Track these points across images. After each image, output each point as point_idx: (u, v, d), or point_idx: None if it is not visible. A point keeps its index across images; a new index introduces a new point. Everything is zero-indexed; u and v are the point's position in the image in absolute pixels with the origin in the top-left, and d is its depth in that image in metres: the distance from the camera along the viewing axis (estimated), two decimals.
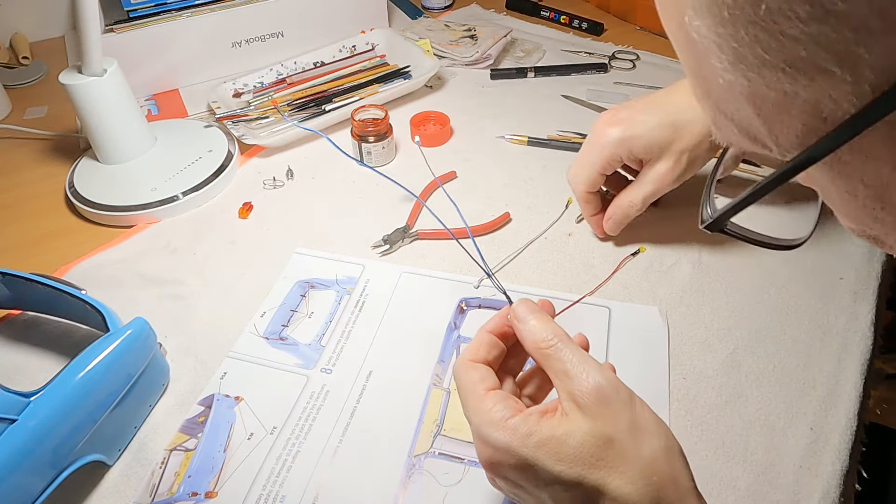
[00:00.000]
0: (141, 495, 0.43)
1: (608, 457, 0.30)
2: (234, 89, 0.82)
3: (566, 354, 0.33)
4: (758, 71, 0.18)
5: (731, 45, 0.18)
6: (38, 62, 0.96)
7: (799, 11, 0.16)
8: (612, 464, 0.30)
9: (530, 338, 0.34)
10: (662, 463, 0.30)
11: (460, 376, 0.35)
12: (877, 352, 0.50)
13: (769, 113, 0.19)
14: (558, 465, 0.30)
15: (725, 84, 0.19)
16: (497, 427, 0.32)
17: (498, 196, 0.67)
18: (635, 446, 0.30)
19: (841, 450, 0.44)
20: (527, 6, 1.04)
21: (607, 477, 0.30)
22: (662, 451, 0.31)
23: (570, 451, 0.30)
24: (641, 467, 0.30)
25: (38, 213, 0.69)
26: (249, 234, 0.64)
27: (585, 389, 0.31)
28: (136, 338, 0.46)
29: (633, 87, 0.84)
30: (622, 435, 0.30)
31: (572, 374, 0.32)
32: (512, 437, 0.31)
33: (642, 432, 0.31)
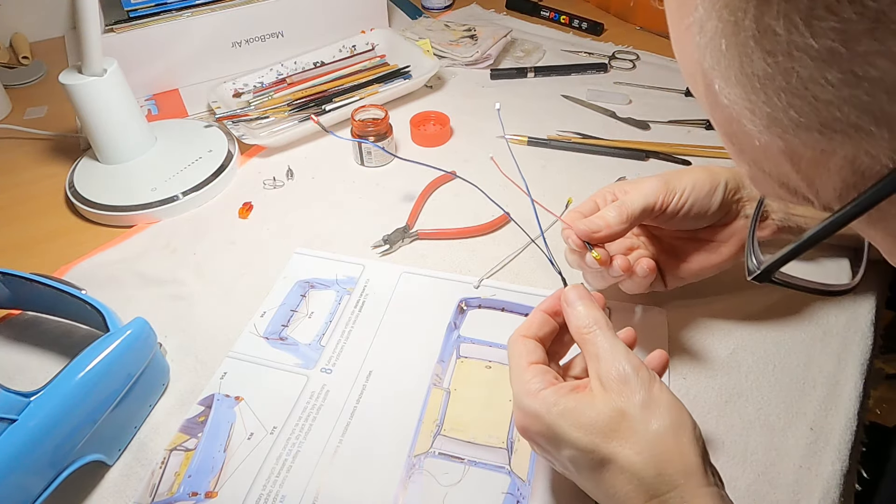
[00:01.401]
0: (141, 495, 0.43)
1: (620, 429, 0.33)
2: (234, 89, 0.82)
3: (601, 340, 0.36)
4: (793, 132, 0.18)
5: (764, 111, 0.18)
6: (38, 62, 0.96)
7: (830, 78, 0.16)
8: (623, 436, 0.33)
9: (574, 322, 0.38)
10: (669, 438, 0.33)
11: (510, 348, 0.39)
12: (877, 352, 0.51)
13: (807, 169, 0.20)
14: (576, 433, 0.33)
15: (761, 145, 0.20)
16: (530, 395, 0.35)
17: (498, 196, 0.67)
18: (645, 421, 0.33)
19: (841, 450, 0.44)
20: (527, 6, 1.04)
21: (618, 447, 0.33)
22: (671, 428, 0.33)
23: (586, 420, 0.33)
24: (649, 440, 0.33)
25: (38, 213, 0.69)
26: (249, 234, 0.64)
27: (610, 371, 0.35)
28: (136, 338, 0.46)
29: (633, 87, 0.84)
30: (635, 410, 0.33)
31: (602, 357, 0.35)
32: (540, 405, 0.35)
33: (654, 410, 0.33)
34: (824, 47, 0.15)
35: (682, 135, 0.75)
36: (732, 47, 0.18)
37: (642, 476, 0.32)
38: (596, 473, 0.34)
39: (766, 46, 0.17)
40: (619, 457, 0.33)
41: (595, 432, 0.33)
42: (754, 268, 0.27)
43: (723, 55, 0.18)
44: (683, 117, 0.77)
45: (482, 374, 0.50)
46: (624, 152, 0.72)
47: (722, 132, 0.22)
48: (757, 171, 0.22)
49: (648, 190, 0.46)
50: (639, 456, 0.32)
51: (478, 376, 0.50)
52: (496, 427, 0.46)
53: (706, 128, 0.76)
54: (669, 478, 0.32)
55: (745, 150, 0.22)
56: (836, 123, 0.17)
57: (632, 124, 0.77)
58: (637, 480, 0.32)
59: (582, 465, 0.34)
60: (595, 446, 0.33)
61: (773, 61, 0.17)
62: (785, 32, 0.16)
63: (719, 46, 0.18)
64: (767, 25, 0.16)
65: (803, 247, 0.22)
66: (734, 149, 0.22)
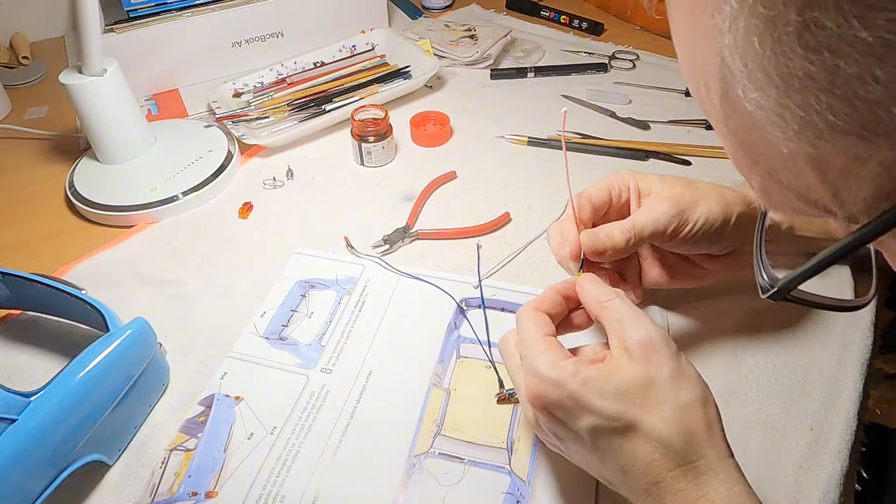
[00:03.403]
0: (141, 495, 0.43)
1: (649, 396, 0.33)
2: (234, 89, 0.82)
3: (622, 307, 0.36)
4: (828, 137, 0.17)
5: (797, 115, 0.17)
6: (38, 62, 0.96)
7: (880, 75, 0.15)
8: (651, 404, 0.33)
9: (592, 294, 0.38)
10: (698, 410, 0.33)
11: (522, 320, 0.38)
12: (877, 352, 0.50)
13: (836, 178, 0.18)
14: (599, 400, 0.33)
15: (788, 153, 0.19)
16: (549, 364, 0.34)
17: (498, 196, 0.67)
18: (675, 391, 0.33)
19: (841, 450, 0.44)
20: (527, 6, 1.04)
21: (644, 415, 0.33)
22: (699, 400, 0.33)
23: (612, 388, 0.33)
24: (677, 410, 0.32)
25: (38, 213, 0.69)
26: (249, 234, 0.64)
27: (636, 336, 0.34)
28: (136, 338, 0.46)
29: (633, 86, 0.84)
30: (664, 379, 0.33)
31: (626, 322, 0.35)
32: (561, 373, 0.34)
33: (683, 380, 0.33)
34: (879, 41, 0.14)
35: (682, 135, 0.75)
36: (768, 46, 0.16)
37: (671, 443, 0.32)
38: (615, 442, 0.33)
39: (810, 43, 0.15)
40: (647, 424, 0.32)
41: (622, 399, 0.33)
42: (767, 286, 0.26)
43: (755, 55, 0.17)
44: (683, 117, 0.77)
45: (482, 374, 0.50)
46: (624, 152, 0.72)
47: (736, 141, 0.21)
48: (771, 182, 0.21)
49: (661, 215, 0.43)
50: (669, 424, 0.32)
51: (478, 376, 0.50)
52: (496, 427, 0.46)
53: (706, 128, 0.76)
54: (697, 447, 0.32)
55: (760, 161, 0.20)
56: (880, 125, 0.16)
57: (632, 124, 0.77)
58: (665, 448, 0.32)
59: (602, 434, 0.33)
60: (621, 413, 0.33)
61: (816, 58, 0.16)
62: (835, 26, 0.15)
63: (752, 46, 0.17)
64: (814, 19, 0.15)
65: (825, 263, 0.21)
66: (747, 159, 0.21)
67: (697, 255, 0.47)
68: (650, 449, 0.32)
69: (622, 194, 0.46)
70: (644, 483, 0.33)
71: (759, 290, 0.26)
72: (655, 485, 0.32)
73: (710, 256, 0.47)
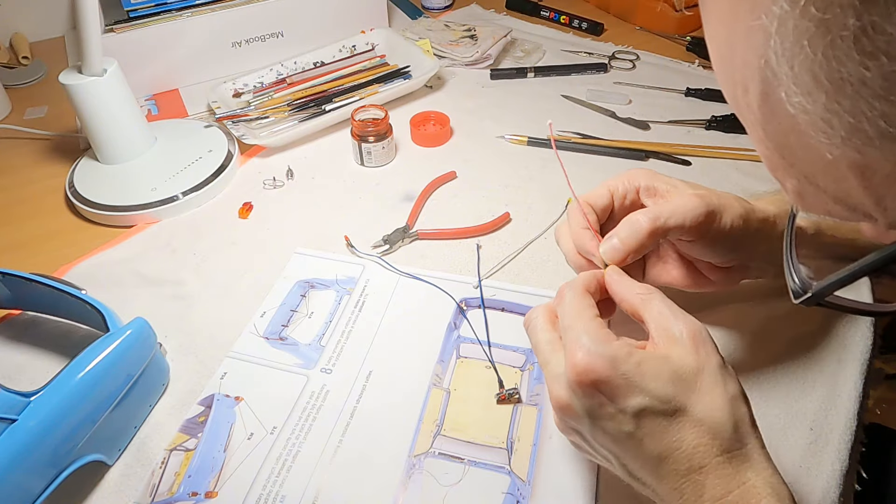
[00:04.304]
0: (141, 495, 0.43)
1: (699, 383, 0.33)
2: (234, 89, 0.82)
3: (663, 301, 0.36)
4: (878, 144, 0.16)
5: (846, 121, 0.17)
6: (38, 62, 0.96)
7: None
8: (703, 391, 0.33)
9: (629, 289, 0.38)
10: (742, 402, 0.34)
11: (571, 297, 0.37)
12: (877, 352, 0.50)
13: (880, 184, 0.18)
14: (653, 382, 0.33)
15: (830, 158, 0.18)
16: (603, 341, 0.34)
17: (498, 196, 0.67)
18: (723, 382, 0.34)
19: (841, 450, 0.44)
20: (527, 6, 1.04)
21: (697, 400, 0.33)
22: (742, 394, 0.34)
23: (666, 372, 0.33)
24: (727, 399, 0.33)
25: (38, 213, 0.69)
26: (249, 234, 0.64)
27: (685, 328, 0.35)
28: (136, 338, 0.46)
29: (633, 87, 0.84)
30: (713, 370, 0.34)
31: (672, 315, 0.35)
32: (617, 351, 0.33)
33: (728, 374, 0.34)
34: None
35: (681, 135, 0.75)
36: (819, 49, 0.16)
37: (720, 430, 0.33)
38: (661, 425, 0.33)
39: (867, 47, 0.15)
40: (697, 409, 0.33)
41: (674, 382, 0.33)
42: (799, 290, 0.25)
43: (804, 58, 0.16)
44: (683, 117, 0.77)
45: (482, 374, 0.50)
46: (624, 152, 0.72)
47: (773, 145, 0.20)
48: (808, 185, 0.20)
49: (690, 209, 0.40)
50: (720, 411, 0.33)
51: (478, 376, 0.50)
52: (496, 427, 0.46)
53: (706, 128, 0.76)
54: (743, 435, 0.33)
55: (798, 164, 0.20)
56: None
57: (632, 124, 0.77)
58: (713, 433, 0.33)
59: (649, 415, 0.33)
60: (672, 396, 0.33)
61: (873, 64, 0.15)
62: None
63: (801, 49, 0.16)
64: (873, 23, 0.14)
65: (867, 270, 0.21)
66: (783, 163, 0.20)
67: (702, 262, 0.46)
68: (698, 433, 0.33)
69: (626, 196, 0.44)
70: (685, 468, 0.33)
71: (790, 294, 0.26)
72: (699, 469, 0.33)
73: (713, 266, 0.46)
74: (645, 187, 0.44)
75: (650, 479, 0.34)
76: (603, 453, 0.36)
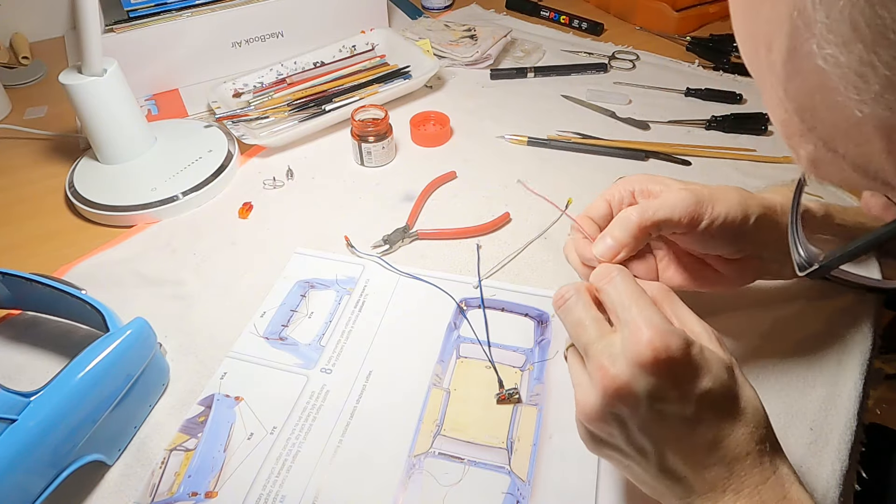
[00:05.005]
0: (141, 495, 0.43)
1: (737, 376, 0.34)
2: (234, 89, 0.82)
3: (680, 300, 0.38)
4: None
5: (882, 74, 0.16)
6: (38, 62, 0.96)
7: None
8: (741, 382, 0.34)
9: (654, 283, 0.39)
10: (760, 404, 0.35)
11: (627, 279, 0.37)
12: (877, 352, 0.50)
13: None
14: (714, 367, 0.33)
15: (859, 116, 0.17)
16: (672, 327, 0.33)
17: (498, 196, 0.67)
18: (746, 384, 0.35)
19: (841, 450, 0.44)
20: (527, 6, 1.04)
21: (740, 390, 0.34)
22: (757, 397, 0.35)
23: (717, 358, 0.34)
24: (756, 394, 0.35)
25: (38, 213, 0.69)
26: (249, 234, 0.64)
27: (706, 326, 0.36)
28: (136, 338, 0.46)
29: (633, 87, 0.84)
30: (737, 367, 0.35)
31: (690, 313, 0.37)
32: (687, 334, 0.33)
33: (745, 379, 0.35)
34: None
35: (681, 135, 0.75)
36: None
37: (760, 420, 0.34)
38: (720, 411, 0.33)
39: None
40: (743, 399, 0.34)
41: (726, 370, 0.34)
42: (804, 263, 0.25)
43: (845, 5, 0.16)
44: (683, 117, 0.77)
45: (482, 374, 0.50)
46: (624, 152, 0.72)
47: (793, 106, 0.19)
48: (826, 152, 0.19)
49: (677, 203, 0.41)
50: (756, 402, 0.34)
51: (478, 376, 0.50)
52: (496, 427, 0.46)
53: (706, 128, 0.76)
54: (770, 428, 0.35)
55: (818, 127, 0.19)
56: None
57: (632, 124, 0.77)
58: (755, 423, 0.33)
59: (713, 399, 0.33)
60: (730, 383, 0.34)
61: None
62: None
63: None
64: None
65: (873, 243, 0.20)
66: (802, 126, 0.20)
67: (712, 256, 0.46)
68: (744, 422, 0.33)
69: (623, 201, 0.45)
70: (732, 455, 0.33)
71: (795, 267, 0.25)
72: (745, 457, 0.33)
73: (724, 260, 0.46)
74: (639, 191, 0.44)
75: (692, 469, 0.34)
76: (641, 444, 0.34)
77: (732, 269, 0.46)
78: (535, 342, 0.52)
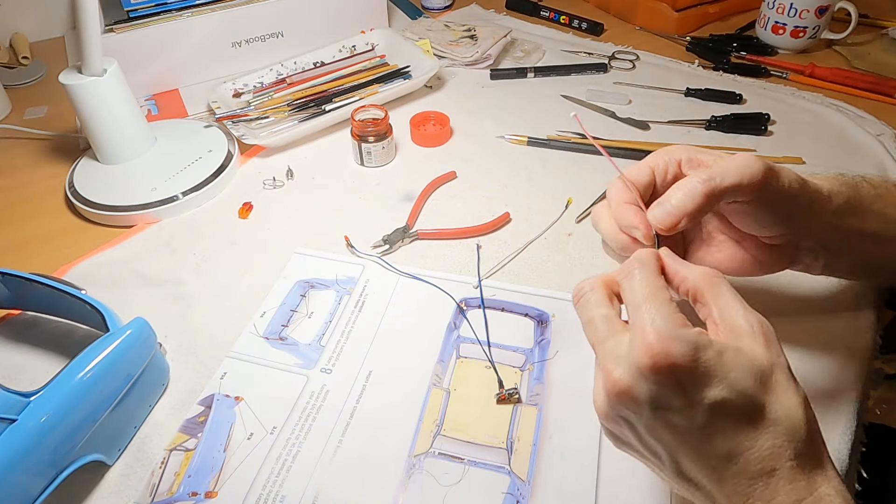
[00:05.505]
0: (141, 495, 0.43)
1: (774, 382, 0.31)
2: (234, 89, 0.82)
3: (732, 288, 0.34)
4: None
5: None
6: (38, 62, 0.96)
7: None
8: (777, 389, 0.31)
9: (697, 268, 0.35)
10: (810, 408, 0.32)
11: (647, 275, 0.34)
12: (877, 352, 0.50)
13: None
14: (734, 372, 0.31)
15: None
16: (685, 327, 0.31)
17: (498, 196, 0.67)
18: (794, 384, 0.32)
19: (841, 450, 0.44)
20: (527, 6, 1.04)
21: (772, 399, 0.31)
22: (806, 400, 0.32)
23: (746, 363, 0.31)
24: (801, 401, 0.31)
25: (38, 213, 0.69)
26: (249, 234, 0.64)
27: (754, 318, 0.32)
28: (135, 338, 0.46)
29: (633, 87, 0.84)
30: (784, 369, 0.32)
31: (740, 303, 0.33)
32: (699, 338, 0.31)
33: (794, 378, 0.32)
34: None
35: (681, 135, 0.75)
36: None
37: (795, 433, 0.31)
38: (737, 421, 0.31)
39: None
40: (774, 408, 0.31)
41: (755, 376, 0.31)
42: None
43: None
44: (683, 117, 0.77)
45: (482, 374, 0.50)
46: (624, 152, 0.72)
47: None
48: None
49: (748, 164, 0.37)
50: (797, 412, 0.31)
51: (478, 376, 0.50)
52: (496, 427, 0.46)
53: (706, 128, 0.76)
54: (814, 440, 0.31)
55: None
56: None
57: (632, 124, 0.77)
58: (789, 436, 0.30)
59: (726, 409, 0.31)
60: (753, 391, 0.31)
61: None
62: None
63: None
64: None
65: None
66: None
67: (749, 239, 0.43)
68: (774, 434, 0.31)
69: (668, 170, 0.41)
70: (756, 470, 0.31)
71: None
72: (771, 472, 0.30)
73: (762, 244, 0.43)
74: (687, 159, 0.41)
75: (708, 480, 0.32)
76: (654, 448, 0.33)
77: (768, 254, 0.43)
78: (535, 342, 0.52)
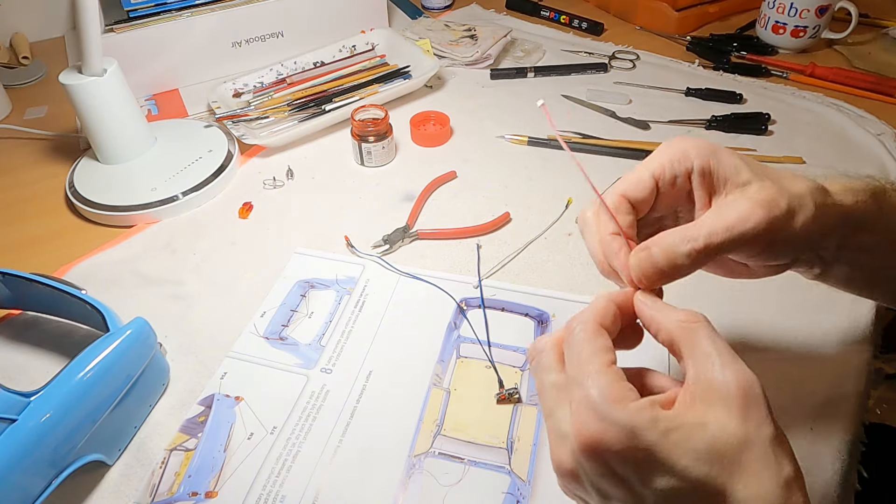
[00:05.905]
0: (141, 495, 0.43)
1: (744, 461, 0.26)
2: (234, 89, 0.82)
3: (714, 336, 0.28)
4: None
5: None
6: (38, 62, 0.96)
7: None
8: (749, 470, 0.26)
9: (674, 314, 0.30)
10: (795, 490, 0.27)
11: (581, 338, 0.30)
12: (877, 352, 0.51)
13: None
14: (684, 459, 0.26)
15: None
16: (620, 404, 0.27)
17: (498, 196, 0.67)
18: (776, 462, 0.26)
19: (841, 450, 0.44)
20: (527, 6, 1.04)
21: (738, 483, 0.26)
22: (798, 478, 0.27)
23: (702, 444, 0.26)
24: (779, 485, 0.26)
25: (38, 213, 0.69)
26: (249, 234, 0.64)
27: (732, 377, 0.27)
28: (136, 338, 0.46)
29: (633, 86, 0.84)
30: (764, 444, 0.26)
31: (718, 358, 0.28)
32: (637, 417, 0.26)
33: (783, 449, 0.27)
34: None
35: (682, 134, 0.75)
36: None
37: None
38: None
39: None
40: (740, 494, 0.26)
41: (713, 460, 0.26)
42: None
43: None
44: (683, 117, 0.77)
45: (482, 374, 0.50)
46: (624, 152, 0.72)
47: None
48: None
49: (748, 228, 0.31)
50: (771, 497, 0.26)
51: (478, 376, 0.50)
52: (496, 427, 0.46)
53: (706, 128, 0.76)
54: None
55: None
56: None
57: (632, 124, 0.77)
58: None
59: (678, 500, 0.27)
60: (710, 479, 0.26)
61: None
62: None
63: None
64: None
65: None
66: None
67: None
68: None
69: (677, 181, 0.34)
70: None
71: None
72: None
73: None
74: (699, 169, 0.33)
75: None
76: None
77: (762, 267, 0.38)
78: None
